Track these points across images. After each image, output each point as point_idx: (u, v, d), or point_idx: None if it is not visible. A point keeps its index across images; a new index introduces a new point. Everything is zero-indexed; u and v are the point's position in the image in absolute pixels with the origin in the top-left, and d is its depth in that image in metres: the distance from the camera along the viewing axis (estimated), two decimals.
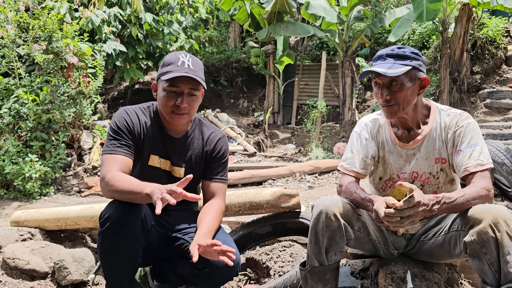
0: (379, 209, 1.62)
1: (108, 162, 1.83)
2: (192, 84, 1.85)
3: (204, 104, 11.10)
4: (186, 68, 1.82)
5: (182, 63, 1.83)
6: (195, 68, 1.86)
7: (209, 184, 2.03)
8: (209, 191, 2.02)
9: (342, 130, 8.78)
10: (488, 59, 8.81)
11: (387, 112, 1.85)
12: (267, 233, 2.61)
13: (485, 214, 1.60)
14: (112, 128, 1.90)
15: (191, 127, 2.04)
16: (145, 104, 2.03)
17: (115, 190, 1.72)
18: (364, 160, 1.98)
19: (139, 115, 1.97)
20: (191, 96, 1.87)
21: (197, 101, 1.92)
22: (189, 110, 1.89)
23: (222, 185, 2.04)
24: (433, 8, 6.49)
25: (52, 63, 5.17)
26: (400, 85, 1.79)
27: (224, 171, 2.06)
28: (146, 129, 1.96)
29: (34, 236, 2.87)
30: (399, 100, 1.80)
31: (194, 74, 1.83)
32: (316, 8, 8.07)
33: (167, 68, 1.84)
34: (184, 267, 1.91)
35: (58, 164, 5.10)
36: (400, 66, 1.77)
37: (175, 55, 1.87)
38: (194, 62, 1.87)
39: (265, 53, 10.05)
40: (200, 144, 2.04)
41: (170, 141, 1.99)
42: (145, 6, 8.14)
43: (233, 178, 5.60)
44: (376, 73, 1.80)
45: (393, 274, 1.96)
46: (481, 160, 1.76)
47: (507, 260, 1.54)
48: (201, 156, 2.04)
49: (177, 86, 1.84)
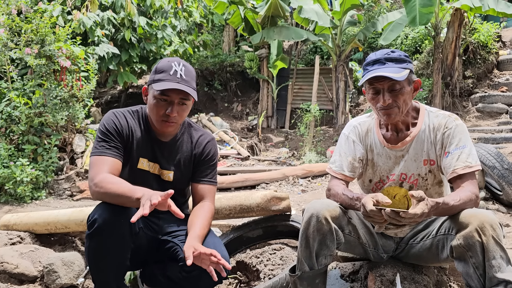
0: (366, 203, 1.61)
1: (97, 164, 1.82)
2: (183, 94, 1.85)
3: (198, 108, 11.09)
4: (179, 78, 1.82)
5: (174, 72, 1.83)
6: (187, 78, 1.85)
7: (198, 186, 2.02)
8: (198, 193, 2.02)
9: (335, 134, 8.80)
10: (480, 63, 8.89)
11: (387, 115, 1.83)
12: (258, 236, 2.61)
13: (472, 218, 1.61)
14: (101, 130, 1.90)
15: (180, 130, 2.04)
16: (134, 108, 2.03)
17: (105, 192, 1.71)
18: (352, 163, 1.99)
19: (128, 118, 1.96)
20: (181, 105, 1.87)
21: (186, 110, 1.92)
22: (178, 119, 1.90)
23: (211, 187, 2.04)
24: (426, 12, 6.56)
25: (45, 67, 5.15)
26: (401, 89, 1.79)
27: (213, 173, 2.06)
28: (134, 132, 1.96)
29: (23, 240, 2.85)
30: (400, 104, 1.81)
31: (186, 85, 1.83)
32: (309, 12, 8.11)
33: (159, 76, 1.84)
34: (174, 270, 1.90)
35: (50, 168, 5.07)
36: (401, 69, 1.78)
37: (168, 63, 1.86)
38: (187, 71, 1.87)
39: (259, 57, 10.07)
40: (189, 147, 2.04)
41: (159, 145, 1.99)
42: (139, 10, 8.15)
43: (226, 182, 5.59)
44: (376, 78, 1.79)
45: (382, 277, 1.96)
46: (469, 162, 1.77)
47: (492, 264, 1.55)
48: (190, 159, 2.03)
49: (168, 95, 1.84)
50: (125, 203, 1.69)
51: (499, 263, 1.55)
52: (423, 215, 1.53)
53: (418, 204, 1.54)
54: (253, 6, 9.19)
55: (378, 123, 2.00)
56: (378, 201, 1.60)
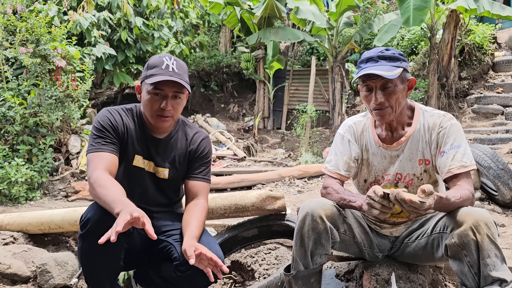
0: (376, 188, 1.57)
1: (93, 160, 1.81)
2: (177, 87, 1.85)
3: (195, 108, 11.07)
4: (171, 72, 1.82)
5: (166, 66, 1.83)
6: (180, 72, 1.85)
7: (192, 183, 2.01)
8: (191, 190, 2.01)
9: (332, 135, 8.80)
10: (476, 65, 8.93)
11: (381, 116, 1.82)
12: (253, 236, 2.60)
13: (467, 217, 1.60)
14: (96, 127, 1.88)
15: (175, 128, 2.03)
16: (128, 106, 2.02)
17: (95, 195, 1.72)
18: (348, 163, 1.98)
19: (122, 115, 1.96)
20: (175, 99, 1.87)
21: (181, 104, 1.91)
22: (173, 113, 1.88)
23: (205, 184, 2.03)
24: (419, 13, 6.59)
25: (40, 66, 5.12)
26: (394, 87, 1.78)
27: (206, 170, 2.05)
28: (129, 129, 1.95)
29: (16, 240, 2.83)
30: (393, 103, 1.79)
31: (179, 78, 1.83)
32: (306, 13, 8.12)
33: (151, 71, 1.84)
34: (168, 269, 1.88)
35: (45, 168, 5.04)
36: (394, 68, 1.76)
37: (159, 58, 1.86)
38: (179, 65, 1.86)
39: (255, 58, 10.07)
40: (184, 144, 2.03)
41: (154, 142, 1.98)
42: (135, 11, 8.13)
43: (223, 182, 5.58)
44: (369, 75, 1.78)
45: (377, 276, 1.96)
46: (464, 162, 1.77)
47: (487, 262, 1.55)
48: (184, 156, 2.03)
49: (162, 89, 1.83)
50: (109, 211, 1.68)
51: (494, 261, 1.55)
52: (429, 207, 1.51)
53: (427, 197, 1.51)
54: (249, 7, 9.18)
55: (373, 123, 1.99)
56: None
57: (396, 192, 1.50)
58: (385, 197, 1.55)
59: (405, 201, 1.48)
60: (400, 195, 1.49)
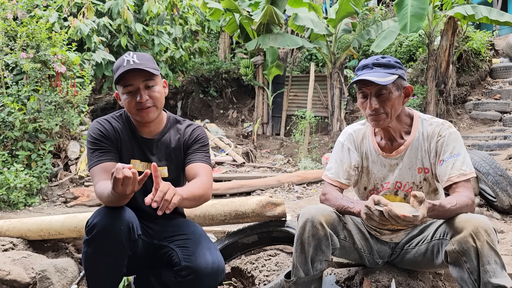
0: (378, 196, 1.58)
1: (96, 174, 1.84)
2: (144, 76, 1.85)
3: (194, 114, 11.08)
4: (132, 64, 1.83)
5: (127, 62, 1.84)
6: (142, 61, 1.85)
7: (190, 166, 1.95)
8: (191, 172, 1.92)
9: (330, 141, 8.82)
10: (474, 71, 8.99)
11: (375, 122, 1.84)
12: (253, 242, 2.60)
13: (466, 223, 1.61)
14: (90, 141, 1.92)
15: (166, 125, 2.04)
16: (117, 112, 2.05)
17: (103, 202, 1.75)
18: (348, 171, 1.99)
19: (112, 122, 1.98)
20: (149, 89, 1.87)
21: (158, 91, 1.90)
22: (153, 102, 1.88)
23: (204, 165, 1.94)
24: (416, 20, 6.64)
25: (40, 72, 5.13)
26: (388, 94, 1.79)
27: (204, 154, 1.98)
28: (121, 135, 1.97)
29: (16, 246, 2.82)
30: (388, 109, 1.81)
31: (140, 66, 1.82)
32: (304, 20, 8.16)
33: (117, 73, 1.86)
34: (168, 275, 1.89)
35: (44, 174, 5.04)
36: (388, 74, 1.79)
37: (120, 59, 1.88)
38: (139, 56, 1.87)
39: (254, 64, 10.09)
40: (177, 138, 2.03)
41: (146, 144, 2.00)
42: (135, 17, 8.15)
43: (222, 188, 5.58)
44: (364, 82, 1.80)
45: (378, 282, 1.96)
46: (463, 170, 1.78)
47: (487, 269, 1.55)
48: (179, 148, 2.02)
49: (131, 84, 1.85)
50: (117, 202, 1.68)
51: (494, 268, 1.55)
52: (423, 217, 1.52)
53: (419, 207, 1.52)
54: (248, 14, 9.23)
55: (373, 131, 2.01)
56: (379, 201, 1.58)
57: (388, 209, 1.50)
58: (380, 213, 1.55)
59: (398, 217, 1.49)
60: (392, 211, 1.49)
